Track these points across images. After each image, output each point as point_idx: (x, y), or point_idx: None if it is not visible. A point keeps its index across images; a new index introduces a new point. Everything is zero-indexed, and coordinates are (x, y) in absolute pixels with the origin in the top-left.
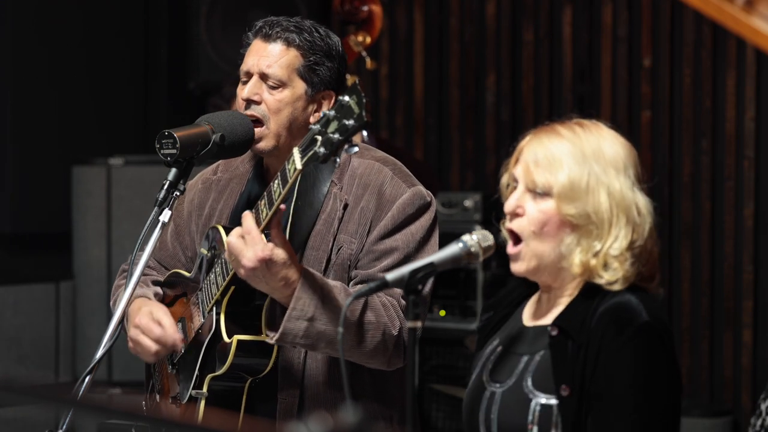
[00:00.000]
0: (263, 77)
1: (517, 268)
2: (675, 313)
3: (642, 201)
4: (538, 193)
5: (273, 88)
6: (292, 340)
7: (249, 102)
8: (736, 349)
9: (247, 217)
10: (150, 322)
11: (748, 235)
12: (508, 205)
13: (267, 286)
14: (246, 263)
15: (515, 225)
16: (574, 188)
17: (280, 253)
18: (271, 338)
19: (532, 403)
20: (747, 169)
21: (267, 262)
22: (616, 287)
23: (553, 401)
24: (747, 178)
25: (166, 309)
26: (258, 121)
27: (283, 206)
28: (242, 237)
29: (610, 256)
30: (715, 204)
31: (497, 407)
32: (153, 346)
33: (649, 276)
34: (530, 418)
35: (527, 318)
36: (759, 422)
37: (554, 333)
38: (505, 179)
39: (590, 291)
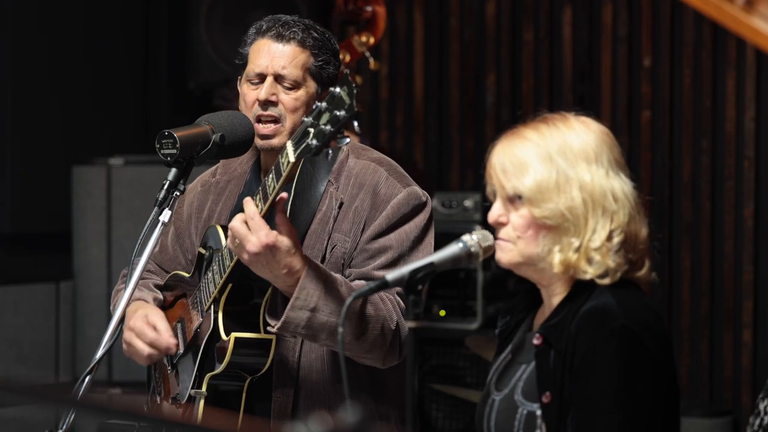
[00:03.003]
0: (278, 78)
1: (501, 256)
2: (675, 313)
3: (618, 185)
4: (514, 199)
5: (288, 88)
6: (294, 330)
7: (267, 103)
8: (736, 349)
9: (249, 203)
10: (144, 325)
11: (748, 235)
12: (490, 217)
13: (270, 273)
14: (250, 248)
15: (503, 234)
16: (542, 190)
17: (284, 240)
18: (273, 327)
19: (518, 412)
20: (747, 169)
21: (271, 249)
22: (606, 280)
23: (537, 409)
24: (747, 178)
25: (162, 313)
26: (275, 120)
27: (284, 194)
28: (246, 223)
29: (591, 250)
30: (715, 204)
31: (495, 415)
32: (146, 350)
33: (638, 262)
34: (516, 426)
35: (536, 323)
36: (758, 422)
37: (537, 342)
38: (489, 188)
39: (577, 291)
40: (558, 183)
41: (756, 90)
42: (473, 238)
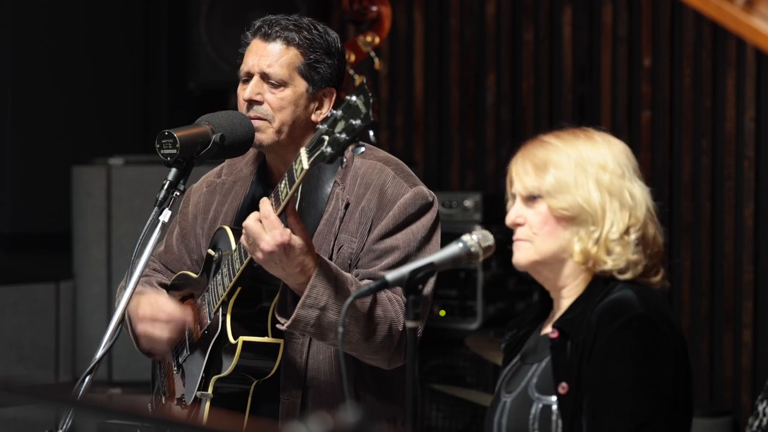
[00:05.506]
0: (264, 77)
1: (518, 256)
2: (675, 313)
3: (637, 188)
4: (532, 198)
5: (274, 87)
6: (303, 328)
7: (251, 102)
8: (736, 349)
9: (265, 202)
10: (154, 309)
11: (748, 235)
12: (508, 218)
13: (283, 271)
14: (264, 247)
15: (520, 234)
16: (561, 184)
17: (298, 240)
18: (283, 325)
19: (533, 407)
20: (747, 169)
21: (285, 247)
22: (627, 275)
23: (554, 402)
24: (747, 178)
25: (165, 293)
26: (262, 119)
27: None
28: (260, 221)
29: (610, 241)
30: (715, 204)
31: (505, 415)
32: (165, 332)
33: (654, 268)
34: (531, 420)
35: (544, 328)
36: (756, 423)
37: (554, 336)
38: (509, 202)
39: (595, 287)
40: (576, 178)
41: (756, 90)
42: (473, 238)
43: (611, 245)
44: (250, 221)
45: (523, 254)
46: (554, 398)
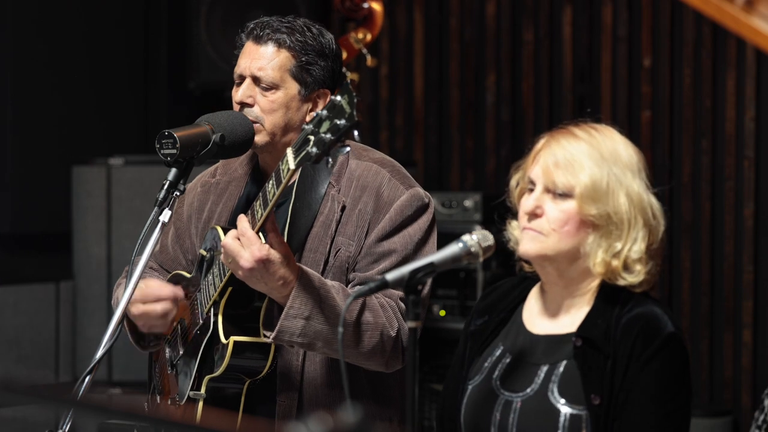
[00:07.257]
0: (256, 80)
1: (530, 246)
2: (675, 313)
3: (655, 204)
4: (559, 194)
5: (266, 90)
6: (289, 339)
7: (243, 105)
8: (736, 349)
9: (242, 219)
10: (144, 290)
11: (748, 235)
12: (527, 206)
13: (265, 286)
14: (243, 264)
15: (535, 225)
16: (596, 189)
17: (276, 253)
18: (269, 337)
19: (561, 414)
20: (747, 169)
21: (264, 263)
22: (639, 289)
23: (583, 411)
24: (747, 178)
25: (155, 279)
26: (254, 121)
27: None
28: (238, 239)
29: (631, 259)
30: (715, 204)
31: (516, 416)
32: (158, 307)
33: (653, 280)
34: (560, 428)
35: (534, 324)
36: (762, 416)
37: (579, 344)
38: (514, 181)
39: (609, 296)
40: (609, 185)
41: (756, 90)
42: (473, 238)
43: (632, 263)
44: (228, 239)
45: (534, 246)
46: (583, 408)
